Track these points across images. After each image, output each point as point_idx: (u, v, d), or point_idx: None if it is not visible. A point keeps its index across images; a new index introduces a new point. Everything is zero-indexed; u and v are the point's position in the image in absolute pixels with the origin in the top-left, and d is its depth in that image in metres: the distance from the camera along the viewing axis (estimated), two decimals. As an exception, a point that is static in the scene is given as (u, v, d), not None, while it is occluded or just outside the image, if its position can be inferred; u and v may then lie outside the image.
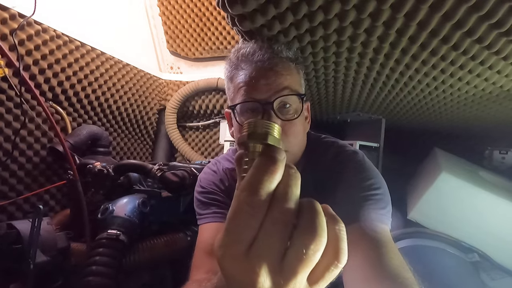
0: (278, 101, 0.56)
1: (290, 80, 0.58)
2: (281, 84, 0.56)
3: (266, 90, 0.56)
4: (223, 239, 0.23)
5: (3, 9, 0.96)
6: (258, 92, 0.56)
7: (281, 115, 0.56)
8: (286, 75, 0.57)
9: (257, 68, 0.57)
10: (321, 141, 0.70)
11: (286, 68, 0.58)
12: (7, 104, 1.02)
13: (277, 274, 0.22)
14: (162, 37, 1.87)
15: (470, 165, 1.43)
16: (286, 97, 0.56)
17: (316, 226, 0.23)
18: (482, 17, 0.50)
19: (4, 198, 1.05)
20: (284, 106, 0.57)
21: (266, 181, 0.23)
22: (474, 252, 1.11)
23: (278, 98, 0.56)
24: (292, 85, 0.58)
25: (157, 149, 1.82)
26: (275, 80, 0.56)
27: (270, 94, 0.56)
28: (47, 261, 0.80)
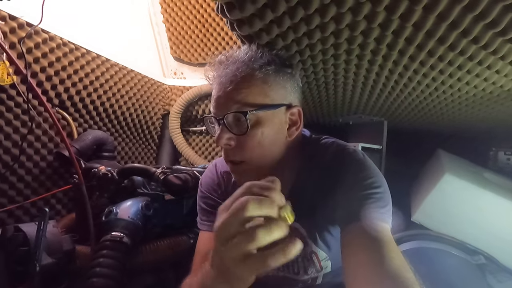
0: (227, 117, 0.59)
1: (244, 94, 0.58)
2: (231, 99, 0.58)
3: (219, 106, 0.60)
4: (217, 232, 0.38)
5: (12, 19, 0.99)
6: (215, 107, 0.62)
7: (235, 129, 0.59)
8: (241, 90, 0.58)
9: (218, 85, 0.60)
10: (320, 142, 0.70)
11: (245, 81, 0.58)
12: (15, 111, 1.05)
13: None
14: (165, 44, 1.90)
15: (474, 166, 1.42)
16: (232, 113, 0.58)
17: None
18: (476, 17, 0.51)
19: (12, 202, 1.07)
20: (238, 121, 0.59)
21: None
22: (480, 254, 1.10)
23: (227, 114, 0.58)
24: (245, 99, 0.58)
25: (161, 153, 1.84)
26: (226, 97, 0.59)
27: (221, 109, 0.60)
28: (53, 263, 0.82)
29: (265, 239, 0.35)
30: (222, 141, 0.60)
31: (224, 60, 0.61)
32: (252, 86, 0.59)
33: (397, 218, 1.26)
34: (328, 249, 0.67)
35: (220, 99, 0.60)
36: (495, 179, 1.30)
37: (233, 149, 0.60)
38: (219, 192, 0.75)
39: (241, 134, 0.59)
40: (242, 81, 0.58)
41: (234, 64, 0.59)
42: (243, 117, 0.58)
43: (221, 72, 0.60)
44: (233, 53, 0.62)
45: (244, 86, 0.58)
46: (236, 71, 0.58)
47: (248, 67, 0.58)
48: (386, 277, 0.45)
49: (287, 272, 0.71)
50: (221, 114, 0.59)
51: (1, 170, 1.03)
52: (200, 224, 0.75)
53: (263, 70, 0.59)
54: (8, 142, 1.04)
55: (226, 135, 0.59)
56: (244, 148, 0.60)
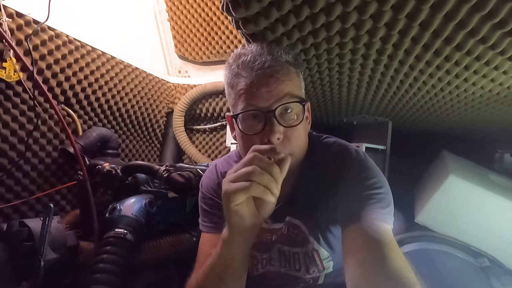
0: (280, 109, 0.57)
1: (291, 86, 0.58)
2: (282, 91, 0.57)
3: (267, 97, 0.56)
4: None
5: (19, 16, 1.00)
6: (260, 99, 0.57)
7: (283, 121, 0.57)
8: (287, 81, 0.58)
9: (258, 76, 0.57)
10: (322, 141, 0.70)
11: (287, 73, 0.58)
12: (21, 107, 1.06)
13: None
14: (170, 42, 1.90)
15: (479, 168, 1.40)
16: (288, 104, 0.57)
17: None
18: (484, 17, 0.50)
19: (17, 197, 1.08)
20: (286, 113, 0.58)
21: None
22: (484, 257, 1.09)
23: (280, 106, 0.56)
24: (293, 91, 0.58)
25: (165, 151, 1.85)
26: (276, 87, 0.56)
27: (272, 102, 0.57)
28: (57, 259, 0.82)
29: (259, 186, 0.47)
30: (277, 135, 0.56)
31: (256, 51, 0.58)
32: (293, 79, 0.60)
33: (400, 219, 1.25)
34: (330, 249, 0.67)
35: (264, 92, 0.56)
36: (500, 181, 1.28)
37: (284, 143, 0.58)
38: (219, 193, 0.74)
39: (294, 126, 0.58)
40: (286, 72, 0.58)
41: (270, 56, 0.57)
42: (294, 109, 0.58)
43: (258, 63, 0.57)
44: (260, 46, 0.59)
45: (288, 78, 0.58)
46: (277, 63, 0.57)
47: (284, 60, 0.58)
48: (387, 278, 0.45)
49: (288, 268, 0.71)
50: (272, 107, 0.56)
51: (7, 165, 1.04)
52: (202, 226, 0.74)
53: (296, 65, 0.61)
54: (14, 138, 1.05)
55: (280, 128, 0.57)
56: (293, 141, 0.59)
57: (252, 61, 0.57)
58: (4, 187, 1.05)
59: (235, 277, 0.58)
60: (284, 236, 0.69)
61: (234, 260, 0.56)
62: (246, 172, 0.47)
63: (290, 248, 0.70)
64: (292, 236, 0.68)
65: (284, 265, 0.72)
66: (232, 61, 0.61)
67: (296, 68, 0.61)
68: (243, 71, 0.58)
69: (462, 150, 1.54)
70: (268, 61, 0.57)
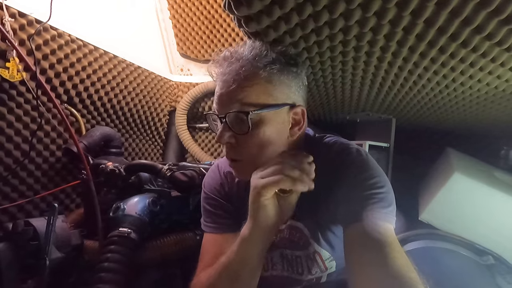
0: (228, 116, 0.58)
1: (247, 93, 0.58)
2: (234, 97, 0.58)
3: (221, 104, 0.60)
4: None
5: (21, 16, 1.00)
6: (218, 105, 0.61)
7: (236, 127, 0.59)
8: (245, 88, 0.57)
9: (221, 82, 0.60)
10: (323, 141, 0.69)
11: (248, 79, 0.57)
12: (25, 107, 1.06)
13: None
14: (172, 40, 1.90)
15: (484, 165, 1.39)
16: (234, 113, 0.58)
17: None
18: (490, 13, 0.49)
19: (22, 196, 1.09)
20: (239, 120, 0.58)
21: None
22: (489, 255, 1.08)
23: (228, 113, 0.58)
24: (248, 98, 0.58)
25: (168, 149, 1.85)
26: (229, 95, 0.58)
27: (224, 107, 0.60)
28: (62, 257, 0.83)
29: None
30: (223, 139, 0.60)
31: (228, 56, 0.60)
32: (255, 85, 0.58)
33: (404, 218, 1.25)
34: (332, 249, 0.67)
35: (222, 97, 0.60)
36: (506, 178, 1.27)
37: (234, 147, 0.61)
38: (222, 193, 0.74)
39: (242, 134, 0.59)
40: (246, 79, 0.58)
41: (238, 62, 0.58)
42: (243, 117, 0.58)
43: (224, 69, 0.60)
44: (237, 49, 0.61)
45: (248, 85, 0.58)
46: (240, 69, 0.58)
47: (252, 66, 0.58)
48: (390, 277, 0.45)
49: (291, 272, 0.71)
50: (223, 112, 0.60)
51: (12, 165, 1.05)
52: (204, 226, 0.74)
53: (268, 69, 0.58)
54: (18, 138, 1.06)
55: (227, 134, 0.60)
56: (245, 147, 0.60)
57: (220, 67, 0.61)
58: (9, 186, 1.06)
59: (251, 275, 0.59)
60: (286, 239, 0.69)
61: (252, 258, 0.58)
62: (276, 167, 0.53)
63: (293, 251, 0.70)
64: (294, 239, 0.68)
65: (287, 269, 0.71)
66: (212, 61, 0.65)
67: (269, 73, 0.58)
68: (219, 75, 0.62)
69: (466, 147, 1.53)
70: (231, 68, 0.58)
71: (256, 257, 0.58)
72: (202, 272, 0.64)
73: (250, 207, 0.57)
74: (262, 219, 0.56)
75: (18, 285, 0.82)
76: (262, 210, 0.55)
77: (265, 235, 0.58)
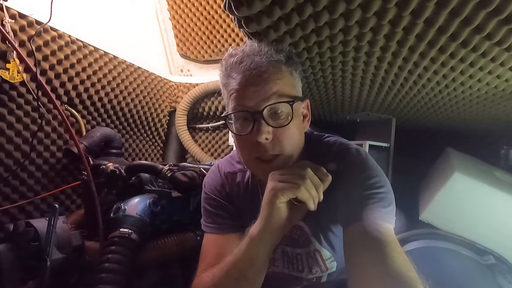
0: (268, 109, 0.57)
1: (280, 85, 0.57)
2: (269, 90, 0.56)
3: (254, 98, 0.57)
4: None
5: (21, 17, 1.00)
6: (247, 100, 0.57)
7: (272, 121, 0.58)
8: (276, 80, 0.57)
9: (246, 76, 0.57)
10: (323, 140, 0.70)
11: (276, 72, 0.57)
12: (25, 108, 1.06)
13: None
14: (172, 40, 1.90)
15: (484, 165, 1.39)
16: (275, 104, 0.57)
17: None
18: (490, 13, 0.49)
19: (23, 197, 1.09)
20: (275, 113, 0.58)
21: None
22: (489, 254, 1.08)
23: (267, 106, 0.56)
24: (282, 90, 0.57)
25: (168, 150, 1.85)
26: (263, 87, 0.56)
27: (259, 102, 0.57)
28: (63, 258, 0.83)
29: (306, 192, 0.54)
30: (264, 135, 0.56)
31: (247, 51, 0.58)
32: (284, 77, 0.59)
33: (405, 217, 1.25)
34: (332, 250, 0.67)
35: (253, 92, 0.56)
36: (506, 178, 1.27)
37: (271, 142, 0.58)
38: (223, 193, 0.74)
39: (283, 126, 0.58)
40: (275, 72, 0.57)
41: (262, 56, 0.57)
42: (283, 108, 0.57)
43: (248, 64, 0.57)
44: (253, 45, 0.59)
45: (279, 77, 0.57)
46: (267, 63, 0.56)
47: (276, 60, 0.57)
48: (389, 277, 0.45)
49: (292, 269, 0.71)
50: (259, 107, 0.56)
51: (12, 166, 1.05)
52: (205, 227, 0.73)
53: (289, 63, 0.60)
54: (19, 139, 1.06)
55: (267, 129, 0.57)
56: (282, 141, 0.58)
57: (240, 62, 0.58)
58: (10, 187, 1.06)
59: (257, 274, 0.59)
60: (287, 237, 0.69)
61: (259, 258, 0.58)
62: (298, 176, 0.54)
63: (293, 249, 0.70)
64: (295, 237, 0.69)
65: (287, 266, 0.72)
66: (224, 62, 0.62)
67: (289, 67, 0.60)
68: (233, 72, 0.59)
69: (467, 147, 1.53)
70: (256, 61, 0.56)
71: (263, 257, 0.59)
72: (203, 272, 0.64)
73: (263, 207, 0.57)
74: (274, 220, 0.56)
75: (19, 286, 0.82)
76: (275, 211, 0.56)
77: (274, 236, 0.58)
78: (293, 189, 0.53)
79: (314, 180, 0.55)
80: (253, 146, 0.58)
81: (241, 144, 0.62)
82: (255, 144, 0.57)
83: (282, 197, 0.54)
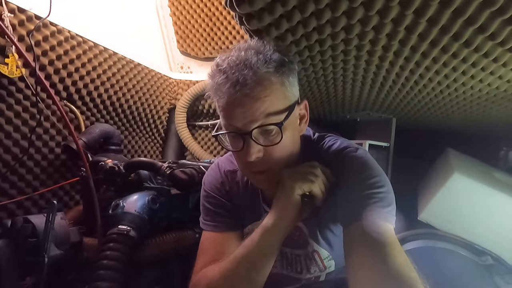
0: (256, 130, 0.55)
1: (268, 102, 0.54)
2: (256, 111, 0.54)
3: (242, 119, 0.55)
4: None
5: (20, 11, 0.99)
6: (235, 121, 0.56)
7: (263, 139, 0.57)
8: (263, 98, 0.54)
9: (231, 96, 0.54)
10: (323, 140, 0.69)
11: (264, 88, 0.54)
12: (24, 103, 1.06)
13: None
14: (172, 37, 1.89)
15: (484, 165, 1.39)
16: (268, 125, 0.55)
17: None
18: (494, 12, 0.49)
19: (21, 193, 1.09)
20: (265, 132, 0.56)
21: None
22: (487, 255, 1.08)
23: (254, 128, 0.55)
24: (271, 107, 0.55)
25: (167, 147, 1.84)
26: (250, 108, 0.54)
27: (246, 124, 0.55)
28: (61, 255, 0.83)
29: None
30: (254, 156, 0.56)
31: (233, 65, 0.54)
32: (273, 92, 0.55)
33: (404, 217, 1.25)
34: (330, 248, 0.67)
35: (241, 113, 0.54)
36: (505, 179, 1.27)
37: (262, 158, 0.58)
38: (223, 192, 0.74)
39: (273, 144, 0.57)
40: (264, 88, 0.54)
41: (249, 70, 0.53)
42: (278, 128, 0.56)
43: (233, 80, 0.53)
44: (240, 56, 0.55)
45: (267, 94, 0.54)
46: (254, 78, 0.53)
47: (264, 72, 0.54)
48: (389, 277, 0.45)
49: (290, 271, 0.71)
50: (247, 128, 0.55)
51: (10, 162, 1.04)
52: (203, 225, 0.73)
53: (280, 72, 0.56)
54: (17, 135, 1.05)
55: (257, 149, 0.56)
56: (273, 156, 0.58)
57: (225, 79, 0.54)
58: (8, 183, 1.05)
59: (268, 265, 0.60)
60: (287, 237, 0.69)
61: (271, 248, 0.59)
62: (312, 173, 0.58)
63: (292, 250, 0.70)
64: (294, 237, 0.68)
65: (286, 267, 0.72)
66: (212, 73, 0.59)
67: (280, 76, 0.56)
68: (219, 91, 0.56)
69: (466, 147, 1.53)
70: (242, 77, 0.53)
71: (275, 248, 0.60)
72: (203, 269, 0.64)
73: (279, 199, 0.60)
74: (289, 211, 0.58)
75: (17, 282, 0.81)
76: (291, 203, 0.58)
77: (287, 227, 0.60)
78: (309, 183, 0.57)
79: (323, 178, 0.59)
80: (246, 162, 0.59)
81: (236, 157, 0.64)
82: (247, 161, 0.58)
83: (298, 190, 0.57)
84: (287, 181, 0.59)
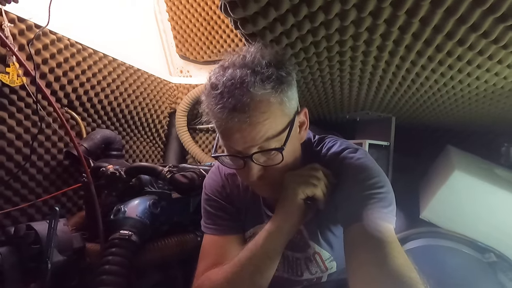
0: (257, 154, 0.55)
1: (268, 125, 0.53)
2: (256, 136, 0.53)
3: (242, 143, 0.54)
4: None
5: (20, 21, 1.00)
6: (235, 144, 0.55)
7: (264, 159, 0.57)
8: (263, 122, 0.52)
9: (228, 122, 0.52)
10: (323, 142, 0.70)
11: (263, 112, 0.52)
12: (25, 111, 1.07)
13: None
14: (171, 42, 1.91)
15: (485, 162, 1.39)
16: (268, 150, 0.55)
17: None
18: (486, 11, 0.49)
19: (24, 200, 1.10)
20: (265, 154, 0.56)
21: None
22: (491, 252, 1.07)
23: (255, 153, 0.55)
24: (271, 130, 0.54)
25: (168, 151, 1.85)
26: (249, 133, 0.53)
27: (247, 148, 0.55)
28: (64, 261, 0.84)
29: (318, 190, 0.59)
30: (255, 176, 0.57)
31: (229, 85, 0.52)
32: (272, 113, 0.54)
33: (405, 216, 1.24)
34: (331, 249, 0.67)
35: (238, 138, 0.54)
36: (506, 175, 1.26)
37: (263, 174, 0.59)
38: (224, 195, 0.74)
39: (275, 164, 0.57)
40: (262, 112, 0.52)
41: (246, 94, 0.51)
42: (279, 153, 0.56)
43: (230, 104, 0.51)
44: (235, 75, 0.52)
45: (266, 117, 0.53)
46: (251, 102, 0.51)
47: (262, 93, 0.52)
48: (389, 277, 0.45)
49: (291, 274, 0.72)
50: (247, 152, 0.55)
51: (13, 169, 1.05)
52: (205, 228, 0.73)
53: (278, 92, 0.54)
54: (20, 142, 1.07)
55: (257, 168, 0.57)
56: (275, 171, 0.59)
57: (223, 104, 0.52)
58: (11, 190, 1.06)
59: (272, 268, 0.60)
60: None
61: (275, 251, 0.59)
62: (314, 177, 0.59)
63: (293, 253, 0.70)
64: (294, 240, 0.68)
65: (287, 271, 0.72)
66: (207, 93, 0.56)
67: (280, 94, 0.54)
68: (216, 116, 0.54)
69: (467, 144, 1.52)
70: (241, 101, 0.51)
71: (279, 251, 0.60)
72: (205, 272, 0.64)
73: (282, 202, 0.60)
74: (293, 214, 0.59)
75: (21, 288, 0.82)
76: (295, 206, 0.59)
77: (291, 230, 0.60)
78: (312, 187, 0.58)
79: (325, 181, 0.60)
80: (246, 177, 0.59)
81: (236, 170, 0.64)
82: (248, 179, 0.59)
83: (302, 194, 0.58)
84: (290, 185, 0.59)
